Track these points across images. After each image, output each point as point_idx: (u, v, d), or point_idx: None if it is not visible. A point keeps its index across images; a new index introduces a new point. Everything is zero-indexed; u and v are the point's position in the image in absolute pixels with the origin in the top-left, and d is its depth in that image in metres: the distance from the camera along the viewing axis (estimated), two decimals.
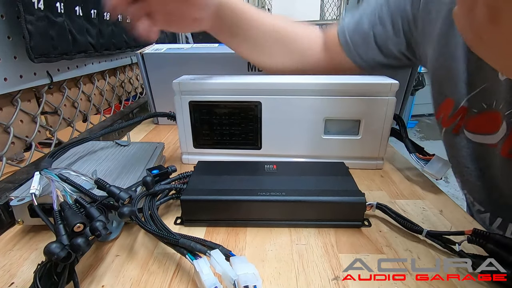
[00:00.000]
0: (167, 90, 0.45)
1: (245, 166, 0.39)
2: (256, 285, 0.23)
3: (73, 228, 0.23)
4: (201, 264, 0.24)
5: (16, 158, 0.55)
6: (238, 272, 0.23)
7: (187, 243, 0.26)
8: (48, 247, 0.22)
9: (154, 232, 0.28)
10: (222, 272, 0.23)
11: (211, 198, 0.32)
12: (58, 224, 0.25)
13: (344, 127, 0.44)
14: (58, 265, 0.23)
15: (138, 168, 0.38)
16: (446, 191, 1.66)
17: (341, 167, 0.39)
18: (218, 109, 0.44)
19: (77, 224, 0.24)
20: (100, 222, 0.25)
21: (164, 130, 0.65)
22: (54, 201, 0.26)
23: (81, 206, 0.27)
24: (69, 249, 0.23)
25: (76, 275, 0.24)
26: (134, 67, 0.92)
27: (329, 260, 0.28)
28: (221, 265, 0.24)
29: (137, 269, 0.27)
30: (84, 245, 0.23)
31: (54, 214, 0.25)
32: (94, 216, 0.26)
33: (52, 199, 0.26)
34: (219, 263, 0.24)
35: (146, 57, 0.61)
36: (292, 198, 0.32)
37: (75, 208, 0.27)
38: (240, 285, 0.22)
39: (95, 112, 0.71)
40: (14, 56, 0.44)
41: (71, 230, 0.24)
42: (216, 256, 0.24)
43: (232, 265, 0.24)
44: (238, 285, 0.22)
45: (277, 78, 0.44)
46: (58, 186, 0.28)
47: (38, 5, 0.44)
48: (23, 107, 0.47)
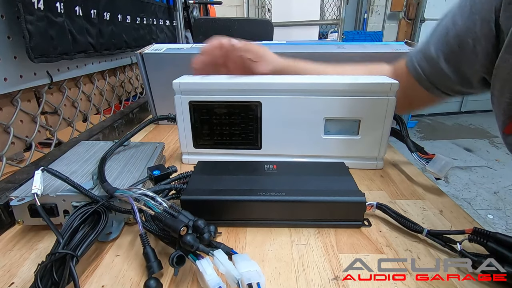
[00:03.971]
0: (167, 90, 0.45)
1: (245, 166, 0.39)
2: (259, 282, 0.23)
3: (180, 231, 0.25)
4: (204, 265, 0.24)
5: (16, 158, 0.55)
6: (241, 270, 0.23)
7: (189, 243, 0.26)
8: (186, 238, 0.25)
9: (154, 232, 0.28)
10: (226, 271, 0.23)
11: (211, 198, 0.32)
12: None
13: (344, 127, 0.44)
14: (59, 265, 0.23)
15: (138, 168, 0.38)
16: (446, 191, 1.66)
17: (341, 167, 0.39)
18: (218, 109, 0.44)
19: (181, 228, 0.25)
20: (202, 220, 0.27)
21: (164, 130, 0.65)
22: (139, 222, 0.27)
23: (169, 214, 0.27)
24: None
25: (76, 275, 0.24)
26: (134, 67, 0.92)
27: (329, 260, 0.28)
28: (224, 264, 0.24)
29: (137, 269, 0.27)
30: (193, 241, 0.25)
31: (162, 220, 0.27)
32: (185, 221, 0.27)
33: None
34: (222, 262, 0.24)
35: (146, 57, 0.61)
36: (292, 198, 0.32)
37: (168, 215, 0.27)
38: (243, 283, 0.23)
39: (95, 112, 0.71)
40: (14, 56, 0.44)
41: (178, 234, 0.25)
42: (219, 255, 0.25)
43: (234, 263, 0.24)
44: (241, 283, 0.23)
45: (277, 78, 0.44)
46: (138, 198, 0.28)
47: (38, 5, 0.44)
48: (23, 107, 0.47)
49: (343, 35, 2.43)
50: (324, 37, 2.85)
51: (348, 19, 3.18)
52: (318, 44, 0.79)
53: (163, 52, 0.61)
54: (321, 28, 2.80)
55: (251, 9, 2.80)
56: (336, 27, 2.54)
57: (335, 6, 2.54)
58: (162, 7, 1.04)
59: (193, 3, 1.48)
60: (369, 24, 3.36)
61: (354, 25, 3.48)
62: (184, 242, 0.25)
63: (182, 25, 1.19)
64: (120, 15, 0.74)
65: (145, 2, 0.88)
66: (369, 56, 0.57)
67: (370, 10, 3.32)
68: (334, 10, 2.57)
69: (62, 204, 0.31)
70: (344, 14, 2.32)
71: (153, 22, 0.96)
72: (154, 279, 0.25)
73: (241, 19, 1.50)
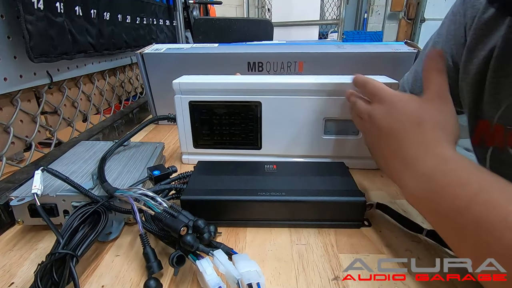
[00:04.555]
0: (167, 90, 0.45)
1: (245, 166, 0.39)
2: (259, 282, 0.23)
3: (180, 231, 0.25)
4: (204, 265, 0.24)
5: (16, 158, 0.55)
6: (241, 270, 0.23)
7: (189, 243, 0.26)
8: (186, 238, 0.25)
9: (155, 232, 0.28)
10: (225, 271, 0.23)
11: (211, 198, 0.32)
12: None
13: (344, 127, 0.44)
14: (59, 265, 0.23)
15: (138, 168, 0.38)
16: None
17: (341, 167, 0.39)
18: (218, 109, 0.44)
19: (181, 228, 0.25)
20: (202, 220, 0.27)
21: (164, 130, 0.65)
22: (139, 222, 0.27)
23: (169, 214, 0.27)
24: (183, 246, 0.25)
25: (76, 275, 0.24)
26: (134, 67, 0.92)
27: (329, 260, 0.28)
28: (224, 264, 0.24)
29: (137, 269, 0.27)
30: (193, 240, 0.25)
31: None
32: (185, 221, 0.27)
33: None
34: (222, 262, 0.24)
35: (146, 57, 0.61)
36: (292, 198, 0.32)
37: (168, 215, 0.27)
38: (243, 284, 0.23)
39: (95, 112, 0.71)
40: (14, 56, 0.44)
41: (178, 234, 0.26)
42: (219, 256, 0.25)
43: (234, 263, 0.24)
44: (241, 283, 0.23)
45: (277, 78, 0.44)
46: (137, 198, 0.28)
47: (38, 5, 0.44)
48: (23, 107, 0.47)
49: (343, 35, 2.43)
50: (324, 37, 2.85)
51: (348, 19, 3.18)
52: (318, 44, 0.79)
53: (163, 52, 0.61)
54: (321, 28, 2.80)
55: (251, 9, 2.80)
56: (336, 27, 2.55)
57: (335, 6, 2.54)
58: (162, 7, 1.04)
59: (193, 3, 1.48)
60: (369, 24, 3.36)
61: (354, 25, 3.49)
62: (184, 242, 0.25)
63: (182, 25, 1.19)
64: (120, 15, 0.74)
65: (145, 2, 0.88)
66: (369, 56, 0.57)
67: (370, 10, 3.32)
68: (334, 10, 2.58)
69: (62, 204, 0.31)
70: (344, 14, 2.32)
71: (153, 22, 0.96)
72: (154, 279, 0.25)
73: (241, 19, 1.49)
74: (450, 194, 0.23)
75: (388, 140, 0.30)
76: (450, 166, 0.25)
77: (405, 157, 0.28)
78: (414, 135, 0.28)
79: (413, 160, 0.27)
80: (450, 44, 0.39)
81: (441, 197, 0.23)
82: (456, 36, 0.38)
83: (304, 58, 0.59)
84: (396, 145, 0.29)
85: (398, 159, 0.28)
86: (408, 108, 0.29)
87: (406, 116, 0.29)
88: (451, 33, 0.39)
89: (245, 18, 2.41)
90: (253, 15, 2.80)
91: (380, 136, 0.31)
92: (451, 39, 0.39)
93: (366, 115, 0.33)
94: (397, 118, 0.29)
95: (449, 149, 0.26)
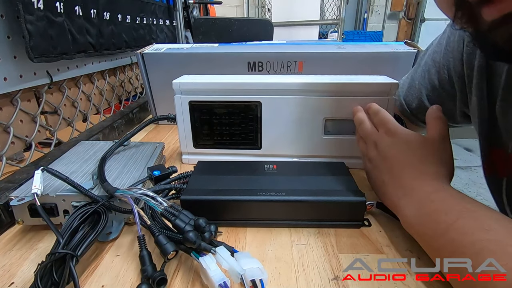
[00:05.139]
0: (167, 90, 0.45)
1: (245, 166, 0.39)
2: (262, 278, 0.23)
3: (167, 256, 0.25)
4: (208, 261, 0.24)
5: (16, 158, 0.55)
6: (244, 266, 0.23)
7: (191, 239, 0.26)
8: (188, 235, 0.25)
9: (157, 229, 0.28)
10: (229, 267, 0.24)
11: (211, 198, 0.32)
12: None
13: (344, 127, 0.44)
14: (59, 265, 0.23)
15: (138, 168, 0.38)
16: None
17: (341, 167, 0.39)
18: (218, 109, 0.44)
19: (171, 251, 0.25)
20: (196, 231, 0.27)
21: (164, 130, 0.65)
22: (138, 224, 0.27)
23: (171, 214, 0.28)
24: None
25: (76, 275, 0.24)
26: (134, 67, 0.92)
27: (329, 260, 0.28)
28: (227, 260, 0.24)
29: (137, 269, 0.27)
30: (195, 237, 0.25)
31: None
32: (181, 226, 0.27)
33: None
34: (225, 259, 0.24)
35: (146, 57, 0.61)
36: (292, 198, 0.32)
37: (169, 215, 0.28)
38: (247, 279, 0.23)
39: (95, 112, 0.71)
40: (14, 56, 0.44)
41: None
42: (222, 252, 0.25)
43: (237, 261, 0.24)
44: (245, 279, 0.23)
45: (277, 78, 0.44)
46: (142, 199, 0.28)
47: (37, 5, 0.44)
48: (23, 107, 0.47)
49: (343, 35, 2.43)
50: (324, 37, 2.86)
51: (348, 19, 3.18)
52: (318, 44, 0.79)
53: (163, 52, 0.61)
54: (321, 28, 2.80)
55: (251, 9, 2.81)
56: (336, 27, 2.55)
57: (335, 6, 2.54)
58: (162, 7, 1.04)
59: (193, 3, 1.48)
60: (369, 24, 3.36)
61: (354, 25, 3.49)
62: (186, 239, 0.25)
63: (182, 25, 1.19)
64: (120, 15, 0.74)
65: (145, 2, 0.88)
66: (369, 56, 0.57)
67: (370, 10, 3.32)
68: (334, 10, 2.58)
69: (62, 204, 0.31)
70: (344, 14, 2.32)
71: (153, 22, 0.96)
72: (147, 283, 0.24)
73: (241, 19, 1.50)
74: (434, 220, 0.26)
75: (391, 169, 0.32)
76: (439, 195, 0.27)
77: (405, 186, 0.30)
78: (417, 168, 0.30)
79: (411, 189, 0.29)
80: (448, 56, 0.39)
81: (428, 222, 0.26)
82: (454, 50, 0.38)
83: (304, 58, 0.59)
84: (398, 174, 0.31)
85: (398, 187, 0.31)
86: (413, 143, 0.32)
87: (412, 151, 0.31)
88: (450, 44, 0.39)
89: (245, 18, 2.41)
90: (253, 15, 2.80)
91: (384, 164, 0.33)
92: (449, 51, 0.39)
93: (373, 142, 0.35)
94: (403, 150, 0.32)
95: (444, 182, 0.29)
